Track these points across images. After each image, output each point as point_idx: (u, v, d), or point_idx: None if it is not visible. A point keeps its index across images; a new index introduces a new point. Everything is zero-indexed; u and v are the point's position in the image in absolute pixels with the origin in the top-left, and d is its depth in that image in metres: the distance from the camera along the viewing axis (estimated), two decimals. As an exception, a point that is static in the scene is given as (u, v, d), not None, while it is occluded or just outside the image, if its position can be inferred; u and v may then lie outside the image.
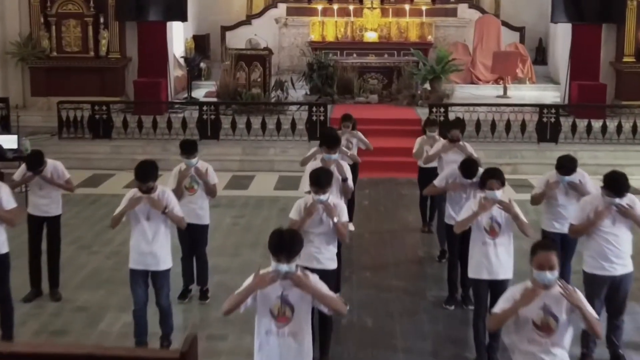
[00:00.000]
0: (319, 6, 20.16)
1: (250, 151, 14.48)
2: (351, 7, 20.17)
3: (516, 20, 21.01)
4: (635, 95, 15.50)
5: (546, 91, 18.60)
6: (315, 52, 18.21)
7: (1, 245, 6.74)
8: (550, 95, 18.10)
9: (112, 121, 14.90)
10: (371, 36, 19.98)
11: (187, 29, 19.82)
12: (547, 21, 19.79)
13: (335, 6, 20.20)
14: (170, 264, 6.78)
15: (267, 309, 4.78)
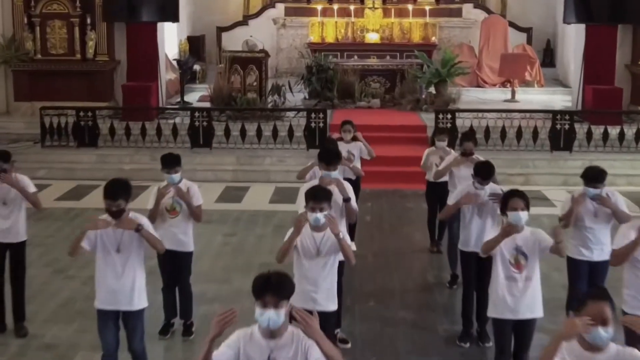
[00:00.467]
0: (319, 6, 19.57)
1: (245, 160, 13.64)
2: (352, 7, 19.61)
3: (523, 20, 20.34)
4: (653, 100, 14.71)
5: (555, 95, 17.89)
6: (315, 54, 17.65)
7: None
8: (560, 99, 17.33)
9: (98, 128, 14.07)
10: (373, 37, 19.38)
11: (182, 30, 19.16)
12: (556, 22, 19.13)
13: (336, 6, 19.63)
14: (145, 304, 5.83)
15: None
